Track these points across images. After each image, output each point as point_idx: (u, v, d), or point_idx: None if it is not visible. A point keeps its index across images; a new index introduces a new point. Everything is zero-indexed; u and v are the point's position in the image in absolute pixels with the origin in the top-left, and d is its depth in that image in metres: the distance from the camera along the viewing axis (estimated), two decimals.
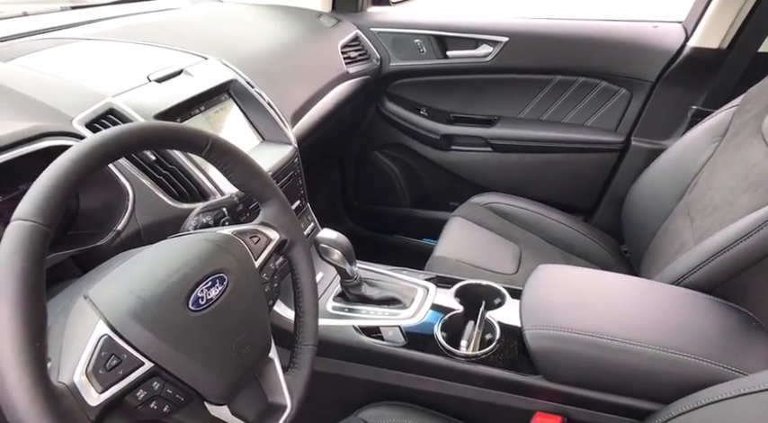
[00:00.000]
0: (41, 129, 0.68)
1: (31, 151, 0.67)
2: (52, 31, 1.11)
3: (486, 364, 0.86)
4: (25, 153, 0.66)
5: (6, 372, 0.39)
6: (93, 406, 0.44)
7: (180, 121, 0.90)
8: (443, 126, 1.65)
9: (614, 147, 1.53)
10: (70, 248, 0.72)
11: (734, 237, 0.86)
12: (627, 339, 0.78)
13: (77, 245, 0.73)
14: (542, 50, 1.53)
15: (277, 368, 0.63)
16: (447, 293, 0.99)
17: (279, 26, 1.40)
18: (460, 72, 1.60)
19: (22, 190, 0.71)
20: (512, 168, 1.63)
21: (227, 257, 0.58)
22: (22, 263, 0.41)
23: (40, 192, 0.44)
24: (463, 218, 1.41)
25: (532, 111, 1.60)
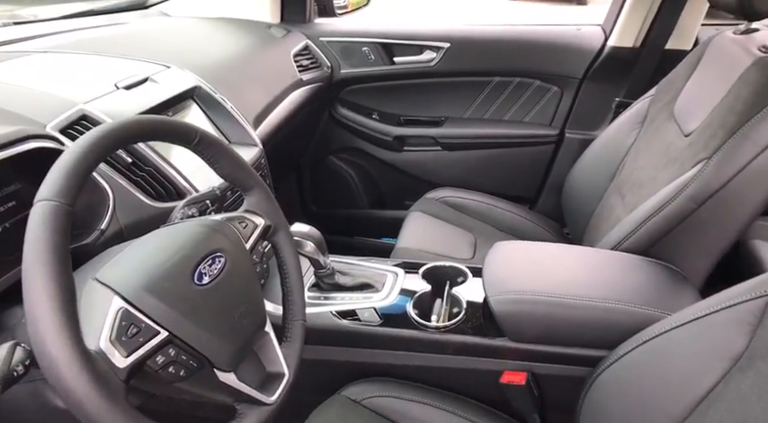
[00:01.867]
0: (27, 131, 0.71)
1: (14, 154, 0.69)
2: (3, 44, 1.11)
3: (456, 333, 0.94)
4: (7, 156, 0.68)
5: (46, 333, 0.43)
6: (121, 368, 0.49)
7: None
8: (395, 128, 1.74)
9: (550, 139, 1.67)
10: None
11: (657, 205, 1.00)
12: (578, 297, 0.89)
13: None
14: (481, 54, 1.66)
15: (273, 341, 0.69)
16: (415, 276, 1.07)
17: (232, 37, 1.45)
18: (408, 77, 1.71)
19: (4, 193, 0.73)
20: (460, 164, 1.74)
21: (222, 239, 0.63)
22: (53, 236, 0.45)
23: (59, 175, 0.48)
24: (421, 212, 1.50)
25: (476, 110, 1.73)
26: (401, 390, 0.95)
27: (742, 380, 0.61)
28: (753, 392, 0.59)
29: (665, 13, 1.41)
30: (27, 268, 0.44)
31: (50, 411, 0.59)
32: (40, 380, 0.58)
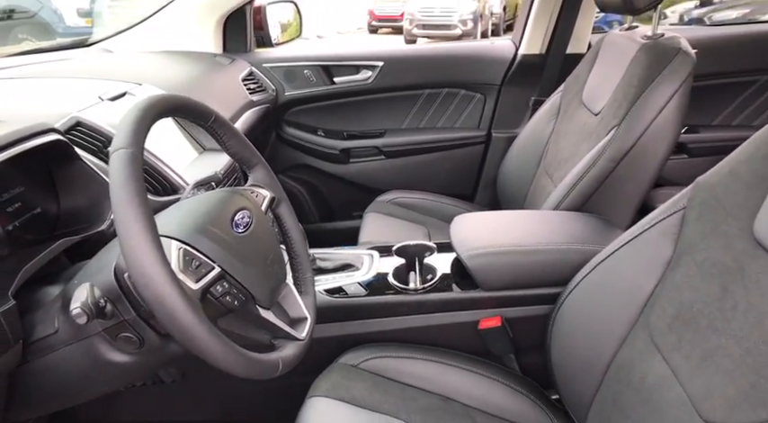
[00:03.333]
0: (43, 125, 0.76)
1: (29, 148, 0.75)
2: None
3: (435, 292, 1.07)
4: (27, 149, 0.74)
5: (143, 258, 0.51)
6: (195, 290, 0.56)
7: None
8: (340, 142, 1.88)
9: (480, 140, 1.88)
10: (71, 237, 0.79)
11: (583, 170, 1.20)
12: (534, 244, 1.05)
13: (75, 234, 0.80)
14: (411, 70, 1.86)
15: (294, 291, 0.78)
16: (388, 256, 1.19)
17: (185, 64, 1.53)
18: (348, 94, 1.86)
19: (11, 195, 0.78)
20: (403, 170, 1.90)
21: (245, 200, 0.73)
22: (135, 180, 0.53)
23: (129, 129, 0.56)
24: (375, 213, 1.63)
25: (412, 120, 1.91)
26: (393, 350, 1.05)
27: (674, 276, 0.78)
28: (683, 281, 0.76)
29: (563, 23, 1.69)
30: (118, 209, 0.52)
31: (103, 364, 0.64)
32: (96, 335, 0.63)
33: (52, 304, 0.67)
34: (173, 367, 1.10)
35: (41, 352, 0.65)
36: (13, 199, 0.79)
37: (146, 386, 1.13)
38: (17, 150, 0.72)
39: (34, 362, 0.66)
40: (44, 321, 0.66)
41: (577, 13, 1.67)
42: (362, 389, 0.96)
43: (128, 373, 0.68)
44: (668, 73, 1.14)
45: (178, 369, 1.10)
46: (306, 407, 0.92)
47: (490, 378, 1.02)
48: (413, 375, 1.01)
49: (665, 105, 1.14)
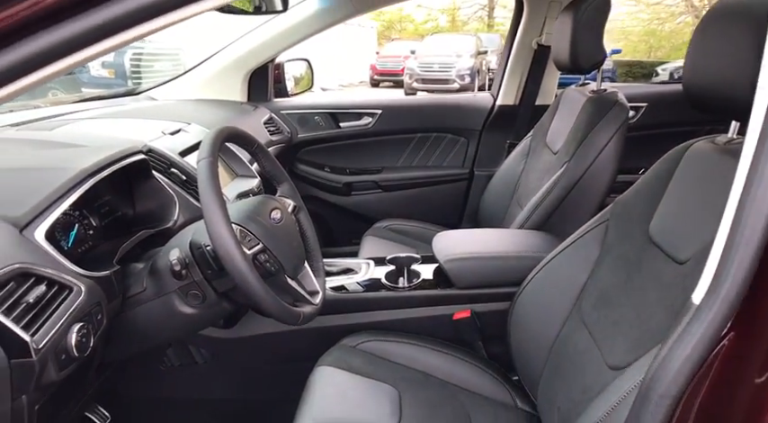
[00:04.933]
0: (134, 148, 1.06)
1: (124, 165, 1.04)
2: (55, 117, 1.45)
3: (418, 290, 1.34)
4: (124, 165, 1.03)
5: (223, 235, 0.78)
6: (248, 254, 0.84)
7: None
8: (344, 177, 2.19)
9: (464, 177, 2.19)
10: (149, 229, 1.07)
11: (542, 196, 1.49)
12: (498, 252, 1.33)
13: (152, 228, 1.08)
14: (406, 117, 2.19)
15: (309, 272, 1.05)
16: (383, 265, 1.46)
17: (218, 110, 1.86)
18: (352, 137, 2.19)
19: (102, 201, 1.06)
20: (398, 202, 2.20)
21: (277, 203, 1.01)
22: (214, 180, 0.82)
23: (208, 145, 0.85)
24: (373, 236, 1.91)
25: (406, 159, 2.22)
26: (384, 335, 1.30)
27: (599, 271, 1.06)
28: (604, 273, 1.04)
29: (531, 80, 2.04)
30: (205, 198, 0.80)
31: (176, 314, 0.91)
32: (173, 292, 0.90)
33: (141, 272, 0.94)
34: (204, 349, 1.35)
35: (133, 305, 0.92)
36: (103, 204, 1.08)
37: (182, 366, 1.37)
38: (117, 167, 1.01)
39: (127, 312, 0.92)
40: (135, 283, 0.93)
41: (543, 72, 2.02)
42: (359, 363, 1.21)
43: (192, 323, 0.94)
44: (606, 120, 1.44)
45: (208, 350, 1.35)
46: (314, 373, 1.17)
47: (462, 360, 1.27)
48: (400, 355, 1.26)
49: (605, 145, 1.44)
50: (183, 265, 0.87)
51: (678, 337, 0.57)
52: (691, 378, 0.56)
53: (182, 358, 1.36)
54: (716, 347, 0.55)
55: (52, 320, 0.72)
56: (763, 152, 0.51)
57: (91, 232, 0.97)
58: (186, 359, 1.36)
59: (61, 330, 0.73)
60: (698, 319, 0.55)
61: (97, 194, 1.04)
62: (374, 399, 1.11)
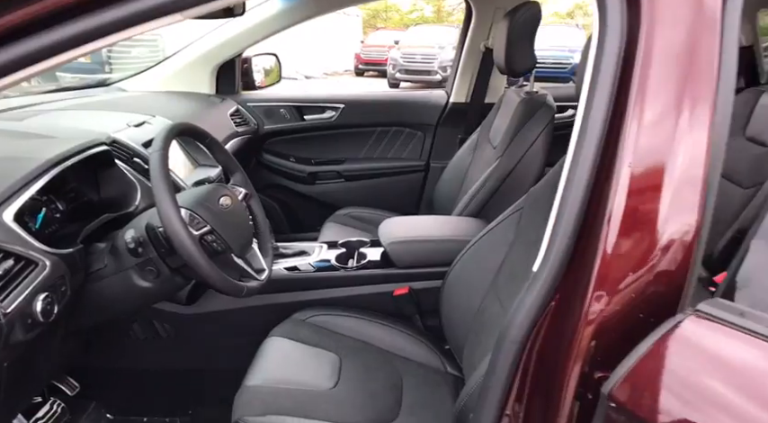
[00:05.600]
0: (99, 139, 1.18)
1: (90, 155, 1.16)
2: (22, 107, 1.55)
3: (365, 269, 1.48)
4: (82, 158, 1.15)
5: (172, 218, 0.91)
6: (195, 234, 0.98)
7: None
8: (308, 167, 2.32)
9: (421, 168, 2.34)
10: (112, 213, 1.20)
11: (479, 187, 1.64)
12: (434, 236, 1.48)
13: (115, 212, 1.21)
14: (367, 112, 2.32)
15: (258, 252, 1.18)
16: (335, 248, 1.60)
17: (185, 102, 1.97)
18: (316, 129, 2.31)
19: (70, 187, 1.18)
20: (359, 191, 2.33)
21: (226, 190, 1.14)
22: (165, 170, 0.95)
23: (160, 139, 0.98)
24: (333, 223, 2.05)
25: (368, 151, 2.36)
26: (331, 310, 1.45)
27: (511, 252, 1.21)
28: (515, 254, 1.19)
29: (480, 80, 2.19)
30: (156, 186, 0.93)
31: (133, 288, 1.04)
32: (130, 268, 1.03)
33: (103, 251, 1.07)
34: (168, 324, 1.48)
35: (95, 280, 1.05)
36: (70, 190, 1.20)
37: (147, 340, 1.50)
38: (83, 156, 1.13)
39: (90, 286, 1.05)
40: (97, 260, 1.06)
41: (491, 73, 2.17)
42: (307, 334, 1.35)
43: (149, 296, 1.08)
44: (535, 120, 1.60)
45: (172, 325, 1.49)
46: (265, 343, 1.31)
47: (400, 331, 1.42)
48: (344, 327, 1.40)
49: (533, 142, 1.59)
50: (137, 244, 1.00)
51: (524, 295, 0.72)
52: (532, 327, 0.71)
53: (147, 332, 1.49)
54: (548, 305, 0.70)
55: (19, 290, 0.85)
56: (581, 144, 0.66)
57: (58, 215, 1.09)
58: (151, 333, 1.49)
59: (27, 298, 0.86)
60: (535, 283, 0.71)
61: (64, 181, 1.16)
62: (317, 364, 1.25)
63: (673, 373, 0.56)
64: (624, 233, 0.64)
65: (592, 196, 0.67)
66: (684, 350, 0.56)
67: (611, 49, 0.66)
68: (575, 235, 0.68)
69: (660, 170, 0.63)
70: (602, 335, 0.65)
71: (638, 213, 0.63)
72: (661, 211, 0.63)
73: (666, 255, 0.63)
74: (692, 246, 0.62)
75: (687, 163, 0.63)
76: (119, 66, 7.41)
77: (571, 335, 0.66)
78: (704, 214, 0.63)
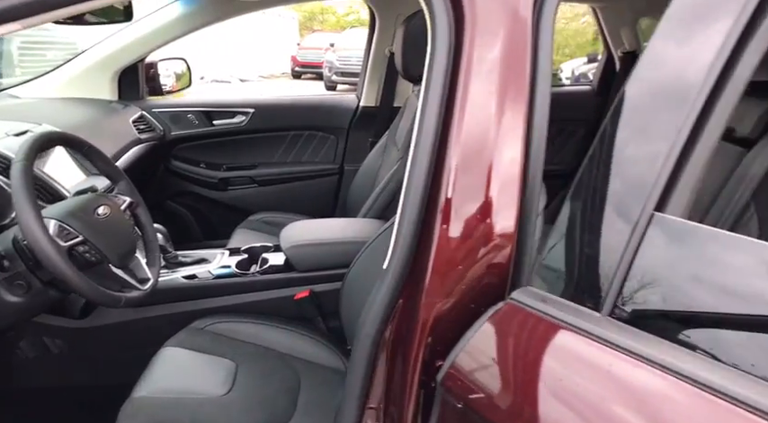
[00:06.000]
0: None
1: None
2: None
3: (264, 275, 1.48)
4: None
5: (34, 230, 0.88)
6: (63, 246, 0.95)
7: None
8: (219, 173, 2.29)
9: (335, 172, 2.36)
10: None
11: (381, 189, 1.69)
12: (334, 239, 1.50)
13: None
14: (278, 116, 2.32)
15: (142, 261, 1.16)
16: (238, 254, 1.59)
17: (80, 109, 1.90)
18: (226, 134, 2.29)
19: None
20: (274, 196, 2.33)
21: (106, 199, 1.12)
22: (28, 177, 0.92)
23: (23, 149, 0.95)
24: (244, 228, 2.04)
25: (281, 155, 2.36)
26: (231, 317, 1.44)
27: None
28: None
29: (387, 84, 2.25)
30: (17, 198, 0.90)
31: (6, 306, 0.99)
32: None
33: None
34: (59, 339, 1.43)
35: None
36: None
37: (37, 357, 1.44)
38: None
39: None
40: None
41: (397, 77, 2.23)
42: (204, 342, 1.34)
43: (21, 311, 1.03)
44: None
45: (63, 340, 1.43)
46: (158, 354, 1.29)
47: (302, 334, 1.44)
48: (244, 333, 1.40)
49: None
50: (2, 257, 0.96)
51: (375, 292, 0.76)
52: (384, 322, 0.75)
53: (36, 350, 1.43)
54: (397, 300, 0.74)
55: None
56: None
57: None
58: (41, 350, 1.43)
59: None
60: (385, 278, 0.74)
61: None
62: (210, 372, 1.25)
63: (487, 359, 0.61)
64: (453, 229, 0.68)
65: (429, 197, 0.72)
66: (495, 337, 0.61)
67: (440, 60, 0.71)
68: (416, 233, 0.72)
69: (482, 170, 0.68)
70: (439, 325, 0.69)
71: (464, 210, 0.68)
72: (484, 208, 0.68)
73: (492, 247, 0.68)
74: (513, 238, 0.68)
75: (506, 162, 0.68)
76: (31, 69, 6.98)
77: (414, 326, 0.71)
78: (524, 209, 0.69)
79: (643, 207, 0.51)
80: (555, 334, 0.56)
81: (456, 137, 0.69)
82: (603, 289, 0.53)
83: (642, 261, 0.51)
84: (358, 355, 0.77)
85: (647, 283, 0.51)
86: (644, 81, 0.57)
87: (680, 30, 0.55)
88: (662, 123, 0.53)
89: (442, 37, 0.70)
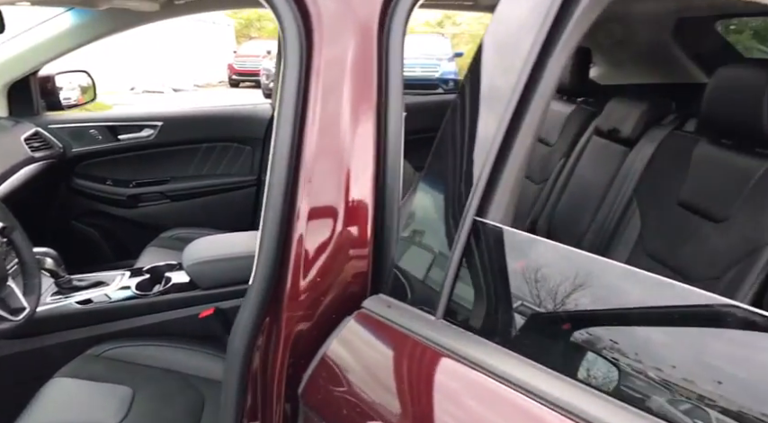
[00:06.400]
0: None
1: None
2: None
3: (165, 294, 1.43)
4: None
5: None
6: None
7: None
8: (128, 190, 2.19)
9: (253, 183, 2.31)
10: None
11: None
12: (239, 253, 1.47)
13: None
14: (189, 128, 2.25)
15: (16, 291, 1.09)
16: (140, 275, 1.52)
17: None
18: (133, 149, 2.19)
19: None
20: (188, 211, 2.25)
21: None
22: None
23: None
24: (155, 246, 1.95)
25: (195, 168, 2.29)
26: (133, 341, 1.38)
27: None
28: None
29: None
30: None
31: None
32: None
33: None
34: None
35: None
36: None
37: None
38: None
39: None
40: None
41: None
42: (99, 370, 1.27)
43: None
44: None
45: None
46: (45, 386, 1.20)
47: (207, 353, 1.39)
48: (143, 358, 1.34)
49: None
50: None
51: (242, 309, 0.74)
52: (252, 339, 0.73)
53: None
54: (264, 318, 0.73)
55: None
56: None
57: None
58: None
59: None
60: (249, 296, 0.73)
61: None
62: (103, 401, 1.18)
63: (338, 370, 0.61)
64: (310, 241, 0.68)
65: (288, 211, 0.71)
66: (346, 347, 0.61)
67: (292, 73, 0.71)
68: (277, 247, 0.71)
69: (336, 180, 0.68)
70: (301, 339, 0.68)
71: (319, 222, 0.68)
72: (340, 218, 0.68)
73: (349, 257, 0.68)
74: (369, 246, 0.68)
75: (359, 171, 0.69)
76: None
77: (278, 341, 0.69)
78: (381, 217, 0.69)
79: (465, 213, 0.52)
80: (396, 341, 0.56)
81: (310, 148, 0.68)
82: (436, 293, 0.54)
83: (467, 265, 0.52)
84: (229, 375, 0.75)
85: (472, 285, 0.52)
86: (467, 89, 0.59)
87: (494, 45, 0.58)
88: (478, 133, 0.55)
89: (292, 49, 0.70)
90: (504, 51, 0.56)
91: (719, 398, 0.39)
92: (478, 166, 0.53)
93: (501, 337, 0.49)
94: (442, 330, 0.52)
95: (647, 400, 0.41)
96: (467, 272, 0.51)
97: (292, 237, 0.68)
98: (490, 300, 0.50)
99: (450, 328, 0.52)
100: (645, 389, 0.42)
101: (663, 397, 0.41)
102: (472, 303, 0.51)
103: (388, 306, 0.60)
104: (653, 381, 0.41)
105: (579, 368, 0.45)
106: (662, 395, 0.41)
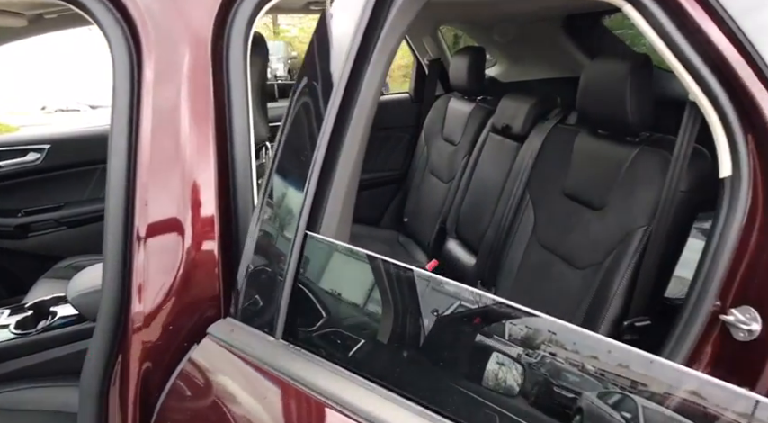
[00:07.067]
0: None
1: None
2: None
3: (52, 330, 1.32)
4: None
5: None
6: None
7: None
8: (16, 219, 2.02)
9: None
10: None
11: None
12: None
13: None
14: (82, 149, 2.11)
15: None
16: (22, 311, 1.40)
17: None
18: (18, 176, 2.03)
19: None
20: (86, 238, 2.11)
21: None
22: None
23: None
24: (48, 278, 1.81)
25: (91, 191, 2.15)
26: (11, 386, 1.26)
27: None
28: None
29: None
30: None
31: None
32: None
33: None
34: None
35: None
36: None
37: None
38: None
39: None
40: None
41: None
42: None
43: None
44: None
45: None
46: None
47: None
48: (25, 403, 1.23)
49: None
50: None
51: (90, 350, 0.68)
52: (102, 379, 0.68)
53: None
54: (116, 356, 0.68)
55: None
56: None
57: None
58: None
59: None
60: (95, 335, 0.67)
61: None
62: None
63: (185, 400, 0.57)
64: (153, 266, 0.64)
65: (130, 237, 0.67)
66: (191, 376, 0.58)
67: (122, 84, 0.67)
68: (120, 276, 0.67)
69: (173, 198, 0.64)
70: (152, 371, 0.64)
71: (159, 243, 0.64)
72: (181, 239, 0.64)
73: (196, 280, 0.64)
74: (217, 267, 0.65)
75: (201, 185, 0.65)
76: None
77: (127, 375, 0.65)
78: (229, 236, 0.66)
79: (296, 227, 0.50)
80: (236, 366, 0.53)
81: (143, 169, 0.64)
82: (275, 312, 0.52)
83: (301, 281, 0.50)
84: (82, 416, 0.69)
85: (306, 303, 0.50)
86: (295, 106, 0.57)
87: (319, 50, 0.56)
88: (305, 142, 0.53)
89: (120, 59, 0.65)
90: (324, 58, 0.55)
91: None
92: (307, 175, 0.52)
93: (337, 357, 0.47)
94: (278, 352, 0.50)
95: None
96: (301, 289, 0.50)
97: (133, 265, 0.64)
98: (325, 317, 0.49)
99: (287, 348, 0.50)
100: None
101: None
102: (308, 322, 0.50)
103: (231, 330, 0.57)
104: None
105: (408, 384, 0.44)
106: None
